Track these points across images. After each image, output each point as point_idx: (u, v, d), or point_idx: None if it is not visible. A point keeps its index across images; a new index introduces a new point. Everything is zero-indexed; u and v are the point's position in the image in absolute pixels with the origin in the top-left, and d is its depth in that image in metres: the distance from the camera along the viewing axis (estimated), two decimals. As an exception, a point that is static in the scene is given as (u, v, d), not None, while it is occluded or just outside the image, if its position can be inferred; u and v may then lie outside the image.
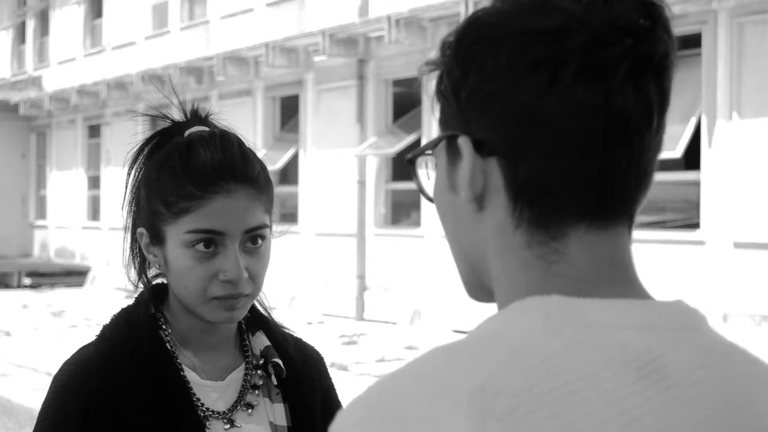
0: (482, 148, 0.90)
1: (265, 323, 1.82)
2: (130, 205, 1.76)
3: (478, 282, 0.96)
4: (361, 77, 16.55)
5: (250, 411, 1.73)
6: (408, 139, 15.47)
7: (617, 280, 0.90)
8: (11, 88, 27.96)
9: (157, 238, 1.70)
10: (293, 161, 18.16)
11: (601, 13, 0.88)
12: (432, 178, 0.98)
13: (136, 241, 1.76)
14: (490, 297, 0.95)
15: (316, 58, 17.10)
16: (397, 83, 16.29)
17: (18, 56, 30.02)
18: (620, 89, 0.87)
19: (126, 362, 1.67)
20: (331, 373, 1.90)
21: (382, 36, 15.57)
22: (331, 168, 17.12)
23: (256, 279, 1.68)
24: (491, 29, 0.90)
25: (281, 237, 1.85)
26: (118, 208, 1.83)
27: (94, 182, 25.40)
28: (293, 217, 17.78)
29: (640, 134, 0.89)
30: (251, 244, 1.67)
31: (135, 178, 1.75)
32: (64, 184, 26.73)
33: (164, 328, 1.72)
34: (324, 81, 17.45)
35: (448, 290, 13.95)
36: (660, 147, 0.92)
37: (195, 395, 1.69)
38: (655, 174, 0.92)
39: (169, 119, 1.78)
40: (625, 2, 0.88)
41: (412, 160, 0.99)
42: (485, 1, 0.94)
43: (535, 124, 0.88)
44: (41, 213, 28.05)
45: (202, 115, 1.78)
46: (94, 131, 25.58)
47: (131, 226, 1.76)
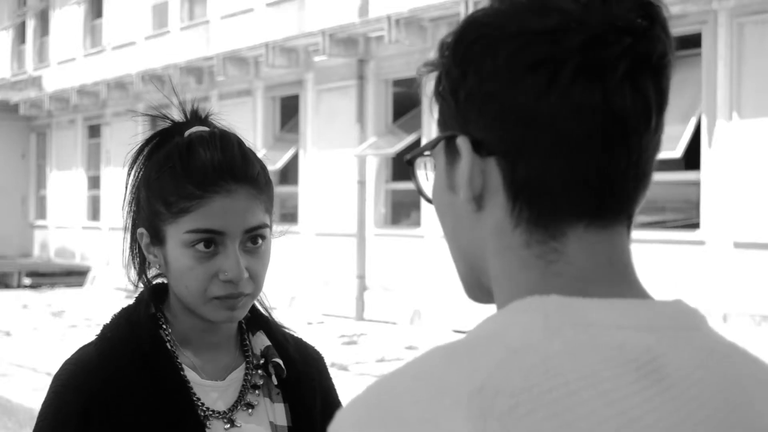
0: (481, 148, 0.91)
1: (266, 323, 1.82)
2: (130, 205, 1.76)
3: (477, 282, 0.96)
4: (361, 77, 16.55)
5: (250, 411, 1.73)
6: (408, 139, 15.46)
7: (616, 280, 0.91)
8: (11, 88, 27.95)
9: (157, 238, 1.70)
10: (293, 161, 18.15)
11: (600, 12, 0.88)
12: (431, 179, 0.98)
13: (136, 241, 1.76)
14: (489, 297, 0.95)
15: (316, 58, 17.09)
16: (397, 83, 16.28)
17: (18, 56, 30.02)
18: (619, 89, 0.87)
19: (126, 362, 1.67)
20: (331, 373, 1.90)
21: (382, 36, 15.57)
22: (331, 168, 17.11)
23: (256, 279, 1.68)
24: (489, 29, 0.90)
25: (281, 237, 1.85)
26: (118, 208, 1.83)
27: (94, 182, 25.39)
28: (293, 217, 17.77)
29: (638, 134, 0.89)
30: (251, 244, 1.68)
31: (135, 178, 1.75)
32: (64, 184, 26.72)
33: (164, 327, 1.72)
34: (324, 81, 17.45)
35: (448, 290, 13.95)
36: (658, 146, 0.92)
37: (195, 395, 1.69)
38: (654, 174, 0.92)
39: (169, 119, 1.78)
40: (623, 2, 0.88)
41: (410, 161, 0.99)
42: (485, 1, 0.94)
43: (534, 124, 0.88)
44: (41, 213, 28.04)
45: (202, 115, 1.78)
46: (94, 131, 25.57)
47: (131, 226, 1.76)
